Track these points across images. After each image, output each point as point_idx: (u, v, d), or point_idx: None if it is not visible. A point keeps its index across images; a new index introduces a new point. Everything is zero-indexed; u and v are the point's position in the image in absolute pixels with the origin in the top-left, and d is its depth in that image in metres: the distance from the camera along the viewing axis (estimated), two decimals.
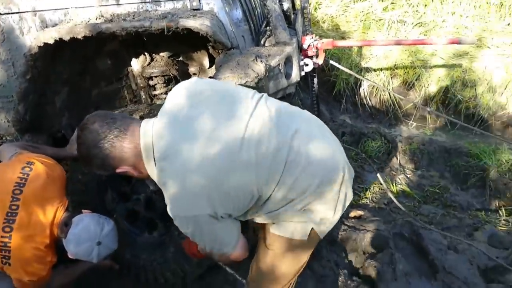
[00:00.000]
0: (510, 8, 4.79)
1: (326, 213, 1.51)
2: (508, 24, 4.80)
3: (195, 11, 1.97)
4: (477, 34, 4.63)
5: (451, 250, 2.51)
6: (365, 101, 4.64)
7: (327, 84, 4.69)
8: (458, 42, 2.80)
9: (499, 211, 3.15)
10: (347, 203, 1.59)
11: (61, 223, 1.93)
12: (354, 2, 5.10)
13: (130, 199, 2.47)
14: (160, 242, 2.40)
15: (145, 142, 1.38)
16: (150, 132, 1.38)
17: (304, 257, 1.65)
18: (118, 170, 1.45)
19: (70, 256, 1.99)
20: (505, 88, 4.31)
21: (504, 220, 3.04)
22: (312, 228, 1.52)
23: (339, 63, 4.08)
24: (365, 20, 4.94)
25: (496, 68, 4.30)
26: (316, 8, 5.14)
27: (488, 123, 4.31)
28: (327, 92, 4.71)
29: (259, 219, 1.56)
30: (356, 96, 4.64)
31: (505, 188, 3.29)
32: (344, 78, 4.55)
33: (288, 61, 2.25)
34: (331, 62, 3.61)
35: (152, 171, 1.41)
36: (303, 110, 1.60)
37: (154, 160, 1.37)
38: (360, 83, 4.58)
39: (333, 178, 1.47)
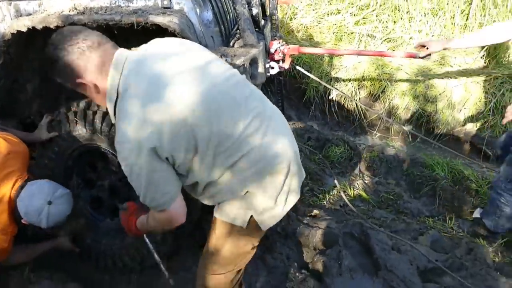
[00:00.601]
0: (473, 30, 5.06)
1: (266, 202, 1.54)
2: None
3: (165, 9, 2.08)
4: (440, 52, 4.86)
5: (394, 251, 2.66)
6: (333, 109, 4.79)
7: (298, 91, 4.85)
8: (415, 56, 2.97)
9: (446, 219, 3.35)
10: (292, 198, 1.61)
11: (18, 188, 2.02)
12: (328, 14, 5.28)
13: (95, 185, 2.55)
14: (121, 228, 2.49)
15: (117, 60, 1.41)
16: (123, 58, 1.42)
17: (245, 245, 1.69)
18: (78, 80, 1.43)
19: (22, 221, 2.05)
20: (463, 106, 4.56)
21: (449, 227, 3.24)
22: (251, 216, 1.56)
23: (310, 72, 4.25)
24: (338, 32, 5.13)
25: (455, 86, 4.55)
26: (291, 18, 5.32)
27: (447, 138, 4.53)
28: (298, 98, 4.88)
29: (203, 199, 1.62)
30: (325, 104, 4.79)
31: (453, 198, 3.50)
32: (314, 86, 4.71)
33: (254, 62, 2.38)
34: (301, 69, 3.79)
35: (112, 90, 1.41)
36: (269, 102, 1.65)
37: (119, 81, 1.39)
38: (329, 92, 4.73)
39: (277, 168, 1.50)
